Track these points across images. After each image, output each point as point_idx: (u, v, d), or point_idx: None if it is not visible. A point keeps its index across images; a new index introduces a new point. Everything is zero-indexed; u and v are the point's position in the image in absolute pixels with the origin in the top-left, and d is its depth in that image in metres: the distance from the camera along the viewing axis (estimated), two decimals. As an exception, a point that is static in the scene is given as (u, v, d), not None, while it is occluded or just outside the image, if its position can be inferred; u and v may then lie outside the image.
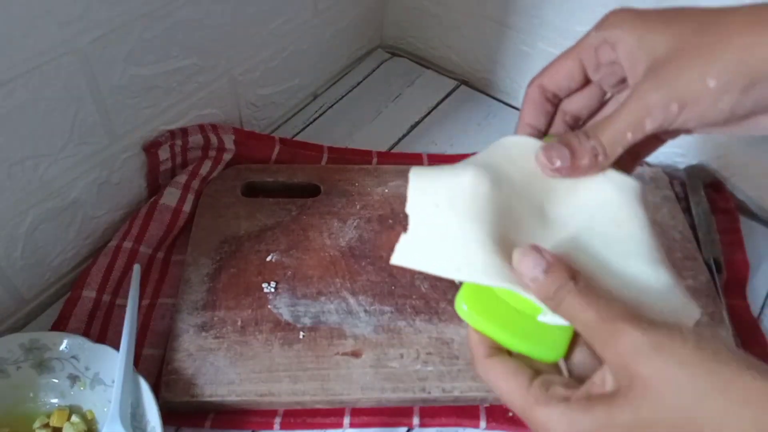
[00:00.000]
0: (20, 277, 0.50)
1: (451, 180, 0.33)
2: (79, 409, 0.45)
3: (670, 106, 0.29)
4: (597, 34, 0.33)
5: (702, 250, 0.55)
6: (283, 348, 0.47)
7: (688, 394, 0.25)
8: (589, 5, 0.60)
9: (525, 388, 0.29)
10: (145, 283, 0.52)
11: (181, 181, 0.56)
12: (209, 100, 0.58)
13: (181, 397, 0.45)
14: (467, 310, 0.32)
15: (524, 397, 0.29)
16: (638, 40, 0.31)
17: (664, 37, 0.30)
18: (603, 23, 0.33)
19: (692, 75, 0.28)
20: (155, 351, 0.49)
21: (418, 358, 0.47)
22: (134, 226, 0.54)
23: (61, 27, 0.42)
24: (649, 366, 0.25)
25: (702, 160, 0.63)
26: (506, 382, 0.30)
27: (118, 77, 0.48)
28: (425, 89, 0.73)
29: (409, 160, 0.63)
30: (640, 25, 0.31)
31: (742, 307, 0.54)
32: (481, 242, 0.30)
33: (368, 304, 0.50)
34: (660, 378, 0.25)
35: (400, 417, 0.46)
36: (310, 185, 0.59)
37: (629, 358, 0.26)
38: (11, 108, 0.42)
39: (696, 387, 0.25)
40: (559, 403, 0.28)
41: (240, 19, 0.56)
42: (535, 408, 0.29)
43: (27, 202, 0.47)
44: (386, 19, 0.77)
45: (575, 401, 0.28)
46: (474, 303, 0.31)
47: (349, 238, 0.55)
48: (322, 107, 0.71)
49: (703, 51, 0.28)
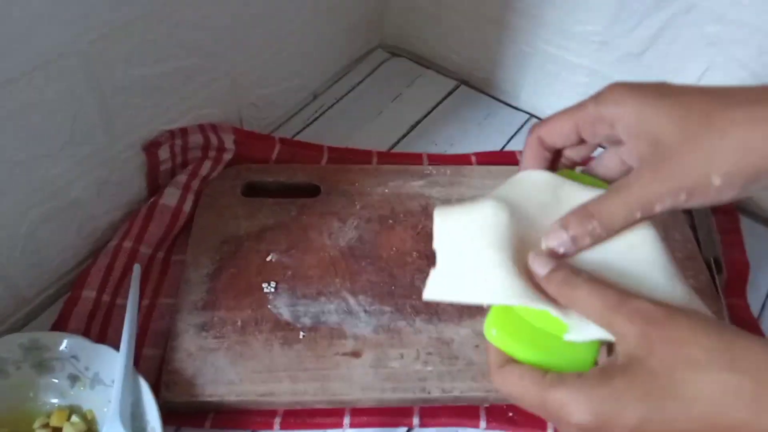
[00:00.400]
0: (20, 277, 0.50)
1: (472, 214, 0.35)
2: (79, 409, 0.45)
3: (679, 195, 0.31)
4: (595, 108, 0.34)
5: (702, 250, 0.55)
6: (283, 348, 0.47)
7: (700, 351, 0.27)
8: (588, 5, 0.60)
9: (539, 380, 0.30)
10: (145, 283, 0.52)
11: (181, 181, 0.56)
12: (209, 100, 0.58)
13: (180, 397, 0.45)
14: (496, 334, 0.33)
15: (539, 387, 0.30)
16: (639, 119, 0.32)
17: (667, 120, 0.31)
18: (601, 97, 0.34)
19: (699, 172, 0.30)
20: (155, 351, 0.49)
21: (418, 358, 0.47)
22: (134, 225, 0.54)
23: (63, 27, 0.42)
24: (664, 330, 0.28)
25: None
26: (521, 380, 0.31)
27: (119, 77, 0.48)
28: (425, 89, 0.73)
29: (409, 160, 0.63)
30: (641, 102, 0.32)
31: (743, 307, 0.54)
32: (507, 267, 0.33)
33: (368, 304, 0.50)
34: (676, 338, 0.28)
35: (400, 417, 0.46)
36: (310, 185, 0.59)
37: (646, 326, 0.28)
38: (12, 108, 0.42)
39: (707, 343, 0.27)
40: (574, 380, 0.29)
41: (241, 19, 0.56)
42: (550, 391, 0.29)
43: (27, 202, 0.47)
44: (386, 19, 0.77)
45: (590, 376, 0.29)
46: (503, 327, 0.33)
47: (349, 238, 0.55)
48: (322, 107, 0.71)
49: (707, 149, 0.30)
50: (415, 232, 0.55)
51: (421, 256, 0.54)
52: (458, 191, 0.59)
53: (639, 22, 0.58)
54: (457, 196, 0.58)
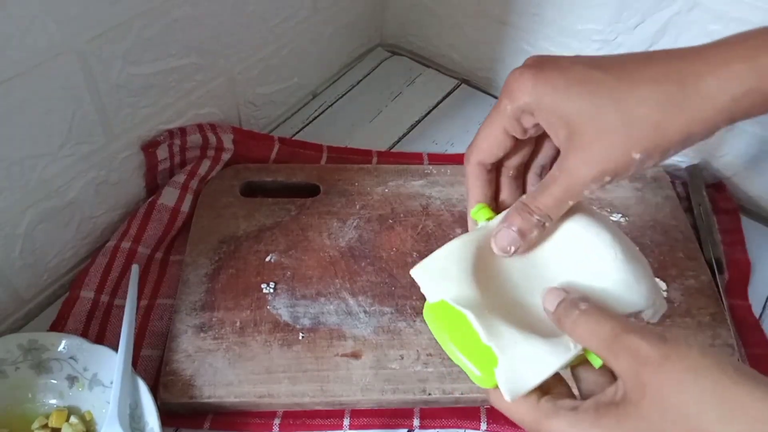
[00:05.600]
0: (18, 277, 0.49)
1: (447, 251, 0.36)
2: (77, 410, 0.45)
3: (603, 178, 0.32)
4: (511, 105, 0.34)
5: (704, 250, 0.55)
6: (283, 349, 0.47)
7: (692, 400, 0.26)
8: (590, 4, 0.60)
9: (534, 405, 0.31)
10: (143, 284, 0.52)
11: (179, 181, 0.56)
12: (208, 99, 0.58)
13: (179, 399, 0.45)
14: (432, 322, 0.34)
15: (535, 413, 0.31)
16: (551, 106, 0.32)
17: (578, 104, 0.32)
18: (511, 92, 0.34)
19: (619, 153, 0.31)
20: (154, 352, 0.49)
21: (418, 359, 0.47)
22: (132, 226, 0.53)
23: (59, 26, 0.42)
24: (658, 373, 0.27)
25: (703, 159, 0.63)
26: (517, 406, 0.31)
27: (117, 76, 0.48)
28: (425, 88, 0.73)
29: (410, 160, 0.63)
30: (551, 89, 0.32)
31: (744, 307, 0.54)
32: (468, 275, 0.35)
33: (368, 304, 0.50)
34: (668, 384, 0.27)
35: (401, 418, 0.46)
36: (310, 185, 0.58)
37: (640, 368, 0.28)
38: (9, 107, 0.42)
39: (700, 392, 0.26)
40: (567, 413, 0.30)
41: (239, 17, 0.56)
42: (545, 421, 0.30)
43: (25, 202, 0.47)
44: (386, 17, 0.76)
45: (583, 411, 0.29)
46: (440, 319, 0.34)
47: (349, 238, 0.54)
48: (321, 106, 0.70)
49: (622, 130, 0.31)
50: (416, 232, 0.55)
51: (421, 256, 0.53)
52: (458, 191, 0.58)
53: (641, 20, 0.58)
54: (457, 195, 0.58)
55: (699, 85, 0.30)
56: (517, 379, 0.31)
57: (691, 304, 0.51)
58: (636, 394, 0.28)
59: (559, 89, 0.32)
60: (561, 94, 0.32)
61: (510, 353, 0.31)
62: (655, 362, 0.27)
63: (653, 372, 0.27)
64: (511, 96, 0.34)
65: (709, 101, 0.30)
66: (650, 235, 0.56)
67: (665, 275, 0.53)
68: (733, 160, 0.61)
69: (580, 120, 0.32)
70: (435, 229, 0.56)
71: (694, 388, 0.26)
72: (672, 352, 0.27)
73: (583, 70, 0.32)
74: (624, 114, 0.31)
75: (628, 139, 0.31)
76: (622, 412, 0.28)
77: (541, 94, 0.32)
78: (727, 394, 0.26)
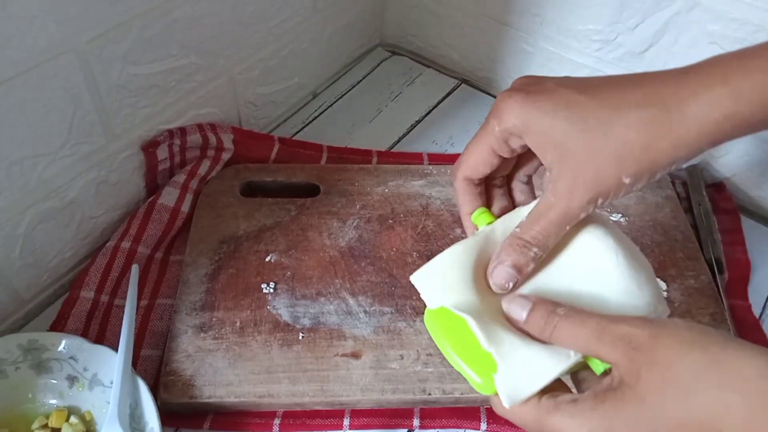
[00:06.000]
0: (18, 278, 0.49)
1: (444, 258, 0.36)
2: (77, 410, 0.45)
3: (597, 201, 0.33)
4: (500, 127, 0.35)
5: (703, 250, 0.55)
6: (283, 349, 0.47)
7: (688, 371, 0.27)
8: (590, 4, 0.60)
9: (535, 404, 0.31)
10: (143, 284, 0.52)
11: (179, 181, 0.56)
12: (208, 99, 0.58)
13: (179, 399, 0.45)
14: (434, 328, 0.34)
15: (536, 412, 0.31)
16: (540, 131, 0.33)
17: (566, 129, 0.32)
18: (500, 114, 0.34)
19: (610, 178, 0.32)
20: (154, 352, 0.49)
21: (418, 359, 0.47)
22: (132, 226, 0.53)
23: (59, 26, 0.42)
24: (650, 354, 0.28)
25: (703, 159, 0.63)
26: (518, 407, 0.32)
27: (117, 76, 0.48)
28: (425, 88, 0.73)
29: (410, 160, 0.63)
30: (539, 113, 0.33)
31: (744, 307, 0.54)
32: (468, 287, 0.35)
33: (368, 304, 0.50)
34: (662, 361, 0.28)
35: (401, 418, 0.46)
36: (310, 185, 0.58)
37: (632, 352, 0.28)
38: (9, 107, 0.42)
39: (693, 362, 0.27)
40: (568, 406, 0.30)
41: (239, 17, 0.56)
42: (547, 418, 0.30)
43: (25, 202, 0.47)
44: (386, 17, 0.76)
45: (583, 401, 0.30)
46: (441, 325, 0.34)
47: (349, 238, 0.54)
48: (321, 106, 0.70)
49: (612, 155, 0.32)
50: (416, 232, 0.55)
51: (421, 256, 0.53)
52: (458, 191, 0.58)
53: (641, 20, 0.58)
54: (457, 195, 0.58)
55: (682, 109, 0.31)
56: (516, 386, 0.31)
57: (691, 304, 0.51)
58: (631, 377, 0.28)
59: (546, 112, 0.33)
60: (549, 118, 0.33)
61: (510, 360, 0.31)
62: (645, 344, 0.28)
63: (645, 353, 0.28)
64: (499, 117, 0.35)
65: (694, 126, 0.31)
66: (650, 235, 0.56)
67: (665, 275, 0.53)
68: (733, 160, 0.61)
69: (569, 144, 0.32)
70: (435, 229, 0.56)
71: (688, 359, 0.27)
72: (659, 331, 0.28)
73: (568, 94, 0.33)
74: (612, 140, 0.32)
75: (618, 163, 0.32)
76: (620, 396, 0.28)
77: (529, 117, 0.33)
78: (719, 358, 0.27)
